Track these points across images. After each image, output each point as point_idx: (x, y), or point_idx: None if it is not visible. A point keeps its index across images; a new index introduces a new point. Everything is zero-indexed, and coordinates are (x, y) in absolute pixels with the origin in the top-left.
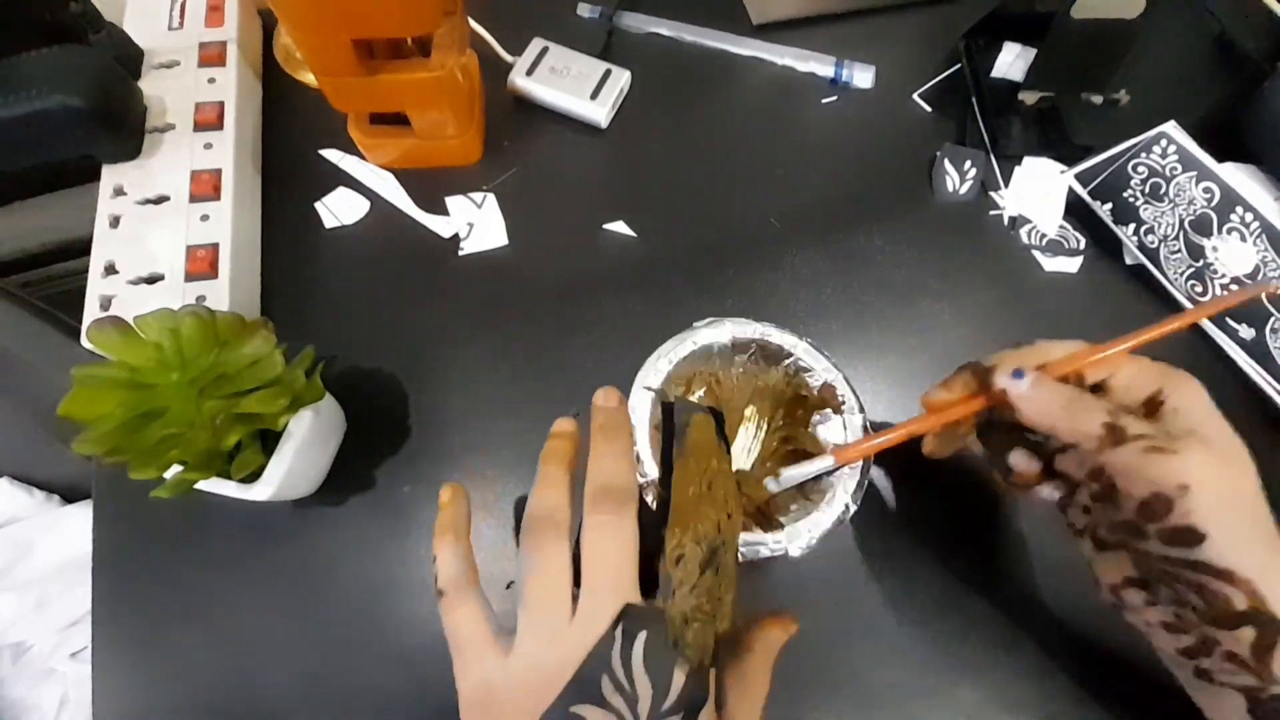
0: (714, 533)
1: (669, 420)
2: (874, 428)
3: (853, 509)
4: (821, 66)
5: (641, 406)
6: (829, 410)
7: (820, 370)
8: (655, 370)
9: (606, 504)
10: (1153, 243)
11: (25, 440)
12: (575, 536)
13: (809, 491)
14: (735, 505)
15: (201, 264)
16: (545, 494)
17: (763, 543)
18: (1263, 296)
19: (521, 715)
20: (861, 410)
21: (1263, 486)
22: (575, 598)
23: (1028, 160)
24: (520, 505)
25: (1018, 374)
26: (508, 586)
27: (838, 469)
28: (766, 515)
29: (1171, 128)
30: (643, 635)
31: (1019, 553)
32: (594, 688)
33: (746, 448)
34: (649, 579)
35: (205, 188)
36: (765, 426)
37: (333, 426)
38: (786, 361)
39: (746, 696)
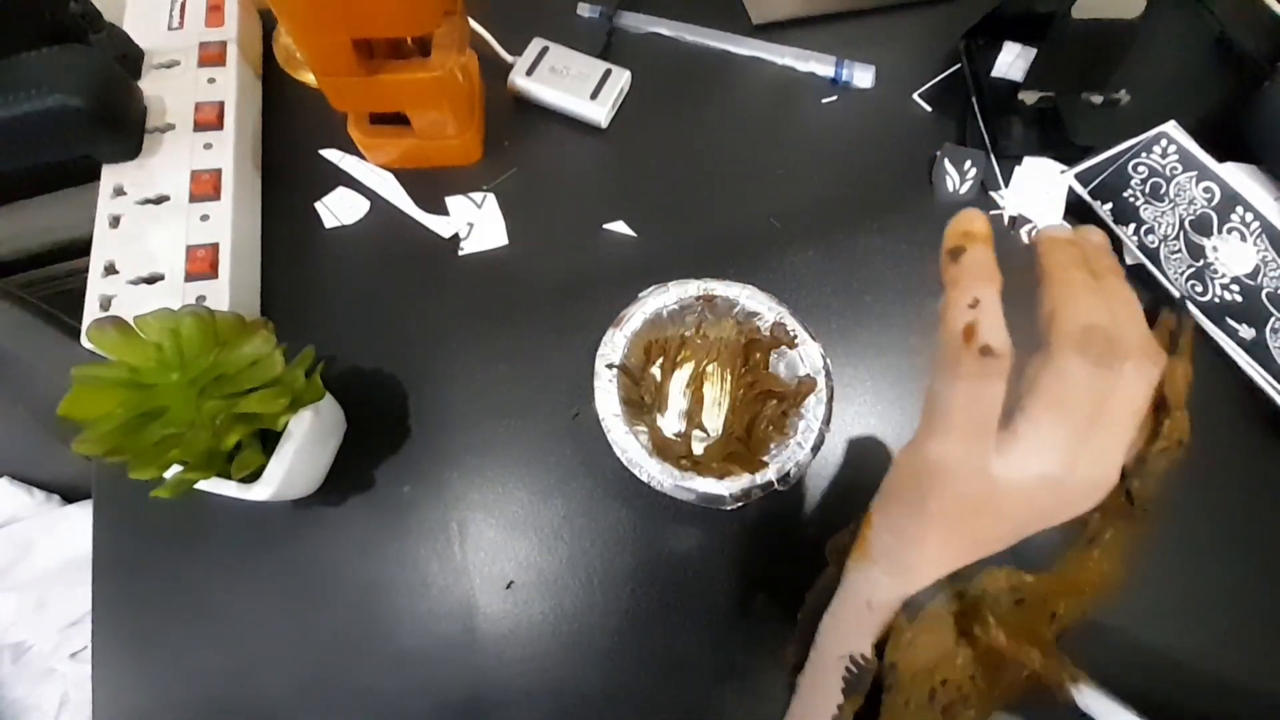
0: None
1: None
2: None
3: (826, 435)
4: (821, 66)
5: (602, 386)
6: (784, 347)
7: (766, 311)
8: (613, 345)
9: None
10: (1153, 243)
11: (25, 440)
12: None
13: (785, 428)
14: None
15: (201, 264)
16: (1096, 301)
17: (752, 482)
18: (1262, 296)
19: (1012, 526)
20: (814, 339)
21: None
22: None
23: (1028, 160)
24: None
25: None
26: (507, 586)
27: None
28: (750, 458)
29: (1171, 128)
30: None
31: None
32: None
33: (716, 400)
34: None
35: (205, 188)
36: (729, 377)
37: (333, 426)
38: (735, 310)
39: None
